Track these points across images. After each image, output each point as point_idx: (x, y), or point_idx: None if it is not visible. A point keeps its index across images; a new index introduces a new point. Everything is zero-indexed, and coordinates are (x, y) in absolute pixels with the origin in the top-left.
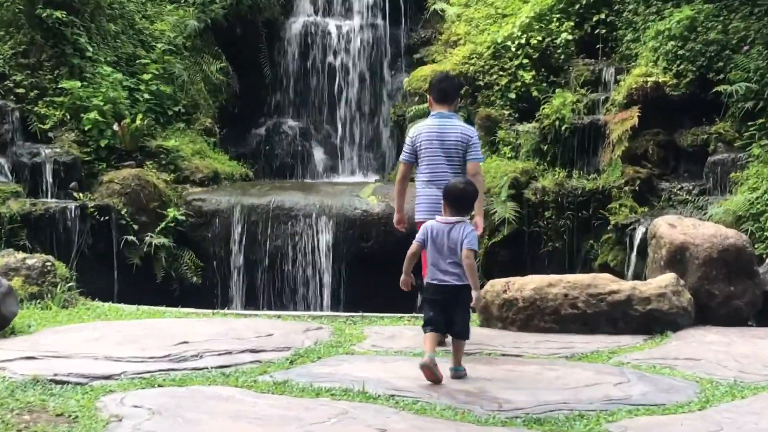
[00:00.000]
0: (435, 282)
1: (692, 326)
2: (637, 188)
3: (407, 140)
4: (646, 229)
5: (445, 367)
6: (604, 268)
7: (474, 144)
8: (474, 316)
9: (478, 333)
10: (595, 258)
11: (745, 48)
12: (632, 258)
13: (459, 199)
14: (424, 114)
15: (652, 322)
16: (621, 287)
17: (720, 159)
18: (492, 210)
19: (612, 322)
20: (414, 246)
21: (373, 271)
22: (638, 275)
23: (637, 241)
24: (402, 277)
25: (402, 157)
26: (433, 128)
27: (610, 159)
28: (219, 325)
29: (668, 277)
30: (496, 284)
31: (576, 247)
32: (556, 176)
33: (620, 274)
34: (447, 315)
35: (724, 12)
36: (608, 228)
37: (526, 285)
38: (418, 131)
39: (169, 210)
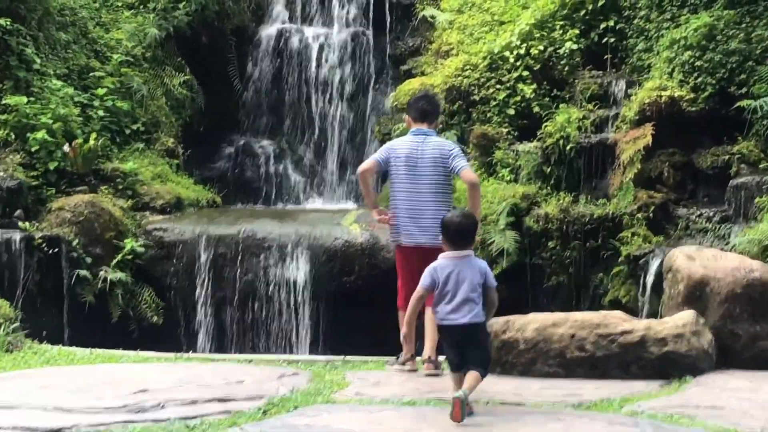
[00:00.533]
0: (446, 323)
1: (714, 370)
2: (651, 215)
3: (384, 149)
4: (662, 261)
5: None
6: (615, 304)
7: (455, 155)
8: None
9: None
10: (604, 293)
11: None
12: (646, 294)
13: (459, 234)
14: None
15: (669, 365)
16: (634, 327)
17: (743, 182)
18: (489, 240)
19: (624, 366)
20: (420, 291)
21: (356, 309)
22: (653, 313)
23: (651, 275)
24: (403, 331)
25: (376, 156)
26: (412, 145)
27: (621, 182)
28: (183, 371)
29: (686, 316)
30: (494, 324)
31: (583, 282)
32: (561, 202)
33: (633, 312)
34: (463, 354)
35: (746, 19)
36: (619, 260)
37: (527, 325)
38: (398, 146)
39: (126, 241)
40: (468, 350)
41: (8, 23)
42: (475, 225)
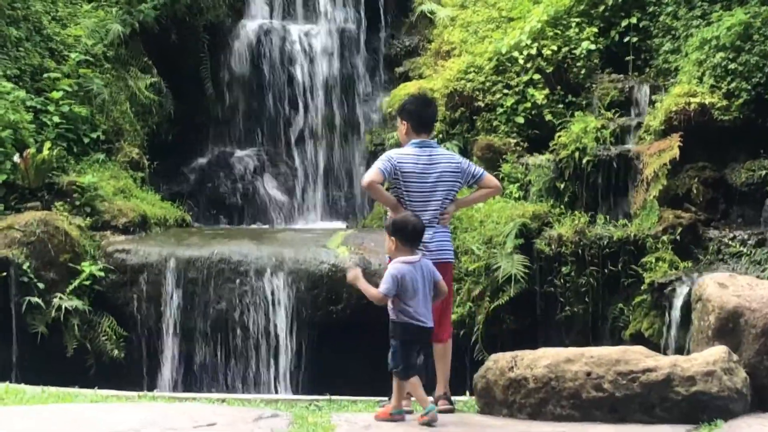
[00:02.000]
0: (420, 324)
1: (748, 413)
2: (678, 237)
3: (386, 158)
4: (690, 289)
5: None
6: (637, 338)
7: (469, 165)
8: (471, 401)
9: (477, 422)
10: (625, 326)
11: None
12: (672, 326)
13: (417, 233)
14: None
15: (698, 408)
16: (658, 364)
17: None
18: (494, 265)
19: (647, 408)
20: (381, 298)
21: (343, 342)
22: (680, 348)
23: (678, 305)
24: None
25: (379, 166)
26: (420, 160)
27: (644, 200)
28: (146, 412)
29: (718, 351)
30: (500, 360)
31: (601, 313)
32: (576, 222)
33: (657, 347)
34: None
35: None
36: (642, 288)
37: (538, 361)
38: (401, 159)
39: (83, 264)
40: (419, 352)
41: None
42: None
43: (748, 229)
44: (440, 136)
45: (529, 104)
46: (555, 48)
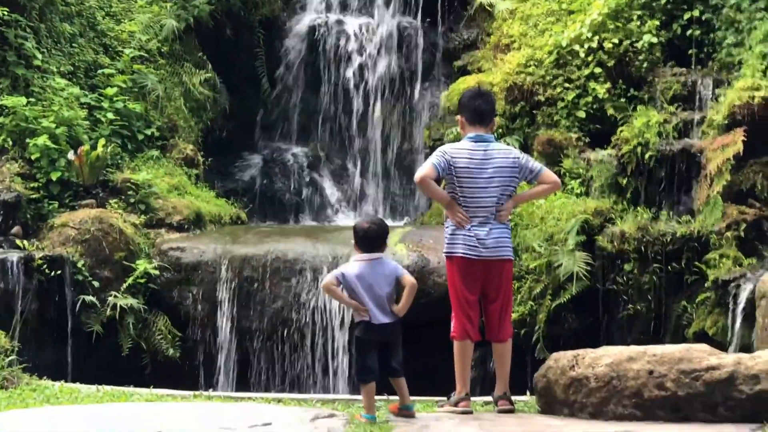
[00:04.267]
0: (378, 323)
1: None
2: (742, 234)
3: (440, 153)
4: (754, 286)
5: None
6: (701, 337)
7: (527, 161)
8: (532, 401)
9: (538, 421)
10: (688, 324)
11: None
12: (736, 324)
13: (366, 240)
14: None
15: (763, 407)
16: (722, 362)
17: None
18: (556, 262)
19: (710, 407)
20: (331, 280)
21: (403, 341)
22: (745, 346)
23: (742, 303)
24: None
25: (433, 161)
26: (474, 155)
27: (708, 196)
28: (202, 411)
29: None
30: (561, 359)
31: (664, 311)
32: (639, 218)
33: (721, 345)
34: (384, 357)
35: None
36: (705, 285)
37: (599, 359)
38: (456, 153)
39: (138, 262)
40: (391, 351)
41: (5, 13)
42: (384, 232)
43: None
44: (500, 130)
45: (590, 98)
46: (616, 41)
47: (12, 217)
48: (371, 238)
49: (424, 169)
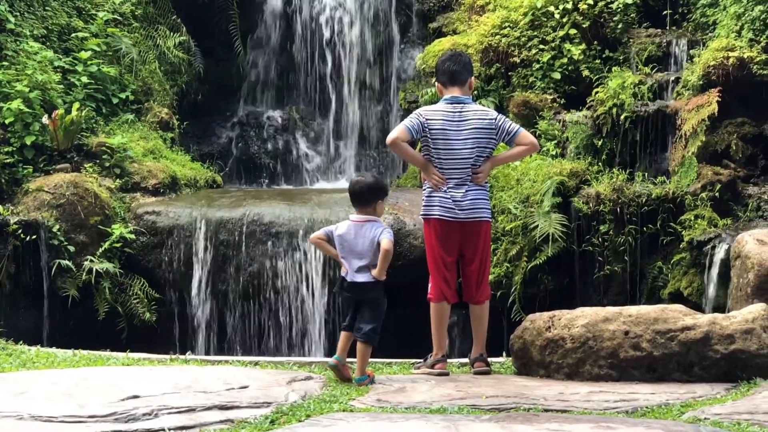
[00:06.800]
0: (350, 281)
1: None
2: (717, 194)
3: (414, 115)
4: (729, 247)
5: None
6: (676, 297)
7: (504, 122)
8: (508, 362)
9: (514, 382)
10: (664, 285)
11: None
12: (711, 284)
13: (353, 195)
14: None
15: (737, 366)
16: (696, 322)
17: None
18: (532, 224)
19: (685, 366)
20: (321, 235)
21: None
22: (720, 307)
23: (717, 263)
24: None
25: (406, 123)
26: (449, 116)
27: (683, 157)
28: (179, 375)
29: (757, 309)
30: (537, 320)
31: (639, 272)
32: (614, 180)
33: (697, 306)
34: (356, 314)
35: None
36: (680, 246)
37: (575, 320)
38: (430, 115)
39: (114, 226)
40: (363, 310)
41: None
42: (368, 188)
43: None
44: (476, 92)
45: (565, 60)
46: (591, 2)
47: None
48: (355, 195)
49: (397, 131)
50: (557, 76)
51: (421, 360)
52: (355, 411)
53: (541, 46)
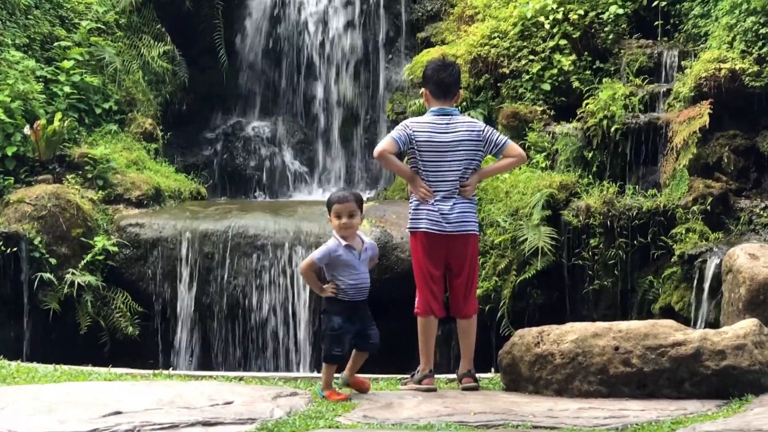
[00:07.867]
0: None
1: None
2: (708, 208)
3: (402, 127)
4: (720, 260)
5: None
6: (667, 312)
7: (492, 133)
8: (496, 378)
9: (502, 398)
10: (655, 299)
11: None
12: (702, 299)
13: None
14: None
15: (728, 382)
16: (687, 338)
17: None
18: (521, 237)
19: (676, 383)
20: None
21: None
22: (711, 322)
23: (708, 277)
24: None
25: (393, 135)
26: (437, 128)
27: (674, 170)
28: (162, 390)
29: (749, 324)
30: (526, 335)
31: (630, 286)
32: (604, 192)
33: (687, 321)
34: None
35: None
36: (672, 260)
37: (565, 336)
38: (417, 127)
39: (96, 239)
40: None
41: None
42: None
43: None
44: (464, 104)
45: (555, 71)
46: (582, 12)
47: None
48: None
49: (384, 143)
50: (547, 87)
51: (408, 375)
52: (341, 427)
53: (531, 57)
